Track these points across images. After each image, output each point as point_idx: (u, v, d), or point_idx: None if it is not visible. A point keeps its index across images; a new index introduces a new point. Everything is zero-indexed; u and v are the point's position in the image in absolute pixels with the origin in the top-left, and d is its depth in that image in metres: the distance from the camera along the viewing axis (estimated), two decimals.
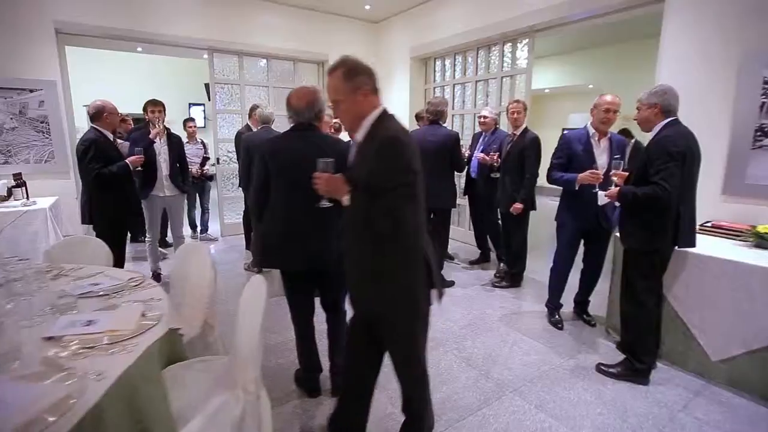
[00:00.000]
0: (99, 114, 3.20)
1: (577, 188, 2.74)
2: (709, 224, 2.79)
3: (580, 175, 2.67)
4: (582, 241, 3.03)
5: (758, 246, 2.46)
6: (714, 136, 2.91)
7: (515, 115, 3.57)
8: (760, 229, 2.46)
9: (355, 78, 1.45)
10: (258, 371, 1.60)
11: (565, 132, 2.90)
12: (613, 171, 2.46)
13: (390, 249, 1.46)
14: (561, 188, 2.93)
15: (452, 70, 5.42)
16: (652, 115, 2.20)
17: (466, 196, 4.47)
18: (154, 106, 3.67)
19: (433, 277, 1.57)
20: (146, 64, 8.86)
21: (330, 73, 1.48)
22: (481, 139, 4.10)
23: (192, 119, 6.42)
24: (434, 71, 5.75)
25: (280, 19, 5.68)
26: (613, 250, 2.91)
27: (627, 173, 2.38)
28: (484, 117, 3.96)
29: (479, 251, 4.59)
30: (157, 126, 3.68)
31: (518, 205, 3.49)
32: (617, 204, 2.43)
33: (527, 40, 4.39)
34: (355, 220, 1.52)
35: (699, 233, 2.74)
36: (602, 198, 2.57)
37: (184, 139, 5.51)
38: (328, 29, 6.03)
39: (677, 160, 2.03)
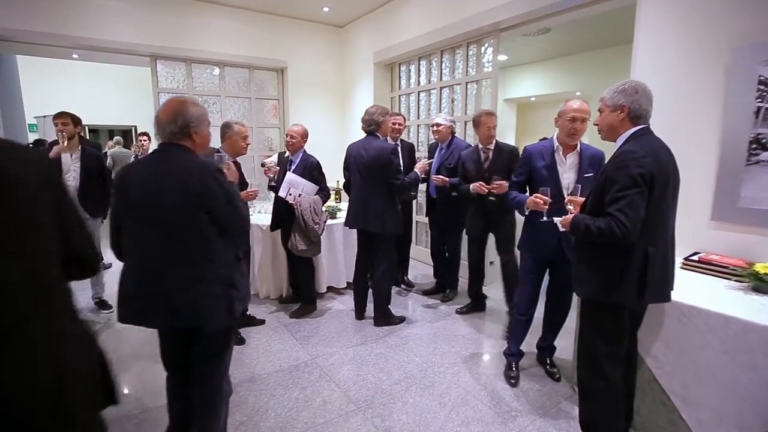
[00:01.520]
0: None
1: (526, 213, 2.30)
2: (695, 258, 2.24)
3: (528, 199, 2.18)
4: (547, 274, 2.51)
5: (756, 290, 1.90)
6: (699, 149, 2.37)
7: (491, 132, 3.06)
8: (759, 268, 1.90)
9: None
10: None
11: (528, 146, 2.41)
12: (568, 197, 1.93)
13: None
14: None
15: (417, 76, 4.93)
16: (617, 121, 1.67)
17: (428, 218, 3.92)
18: (58, 118, 3.20)
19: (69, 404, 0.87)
20: (132, 74, 8.59)
21: None
22: (437, 153, 3.57)
23: (145, 133, 6.04)
24: (399, 78, 5.27)
25: (233, 23, 5.23)
26: None
27: (581, 200, 1.85)
28: (437, 125, 3.44)
29: (435, 280, 4.03)
30: (60, 141, 3.22)
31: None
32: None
33: (492, 40, 3.90)
34: None
35: (684, 269, 2.21)
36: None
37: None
38: (287, 34, 5.58)
39: (640, 186, 1.49)
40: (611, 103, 1.67)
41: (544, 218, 2.09)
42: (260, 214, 4.10)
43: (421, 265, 4.89)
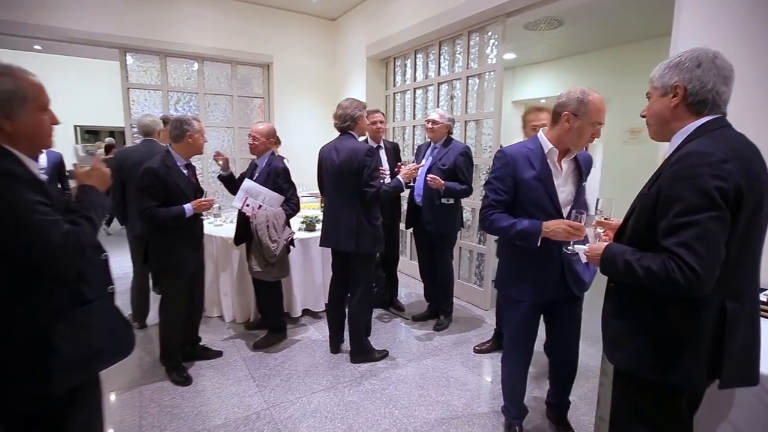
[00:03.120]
0: None
1: (539, 243, 1.62)
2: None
3: (548, 224, 1.55)
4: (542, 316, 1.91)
5: None
6: None
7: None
8: None
9: None
10: None
11: (504, 147, 1.75)
12: (596, 217, 1.37)
13: None
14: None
15: (413, 71, 4.41)
16: (668, 110, 1.10)
17: (411, 229, 3.34)
18: None
19: None
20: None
21: None
22: (428, 151, 3.03)
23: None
24: (394, 74, 4.76)
25: (213, 13, 4.78)
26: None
27: (617, 222, 1.30)
28: (433, 122, 2.90)
29: (428, 304, 3.46)
30: None
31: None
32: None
33: (497, 27, 3.37)
34: None
35: None
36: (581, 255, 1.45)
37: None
38: (274, 26, 5.12)
39: (719, 208, 0.94)
40: (660, 83, 1.11)
41: (570, 248, 1.50)
42: (231, 225, 3.60)
43: (414, 283, 4.34)
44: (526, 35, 5.64)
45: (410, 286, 4.27)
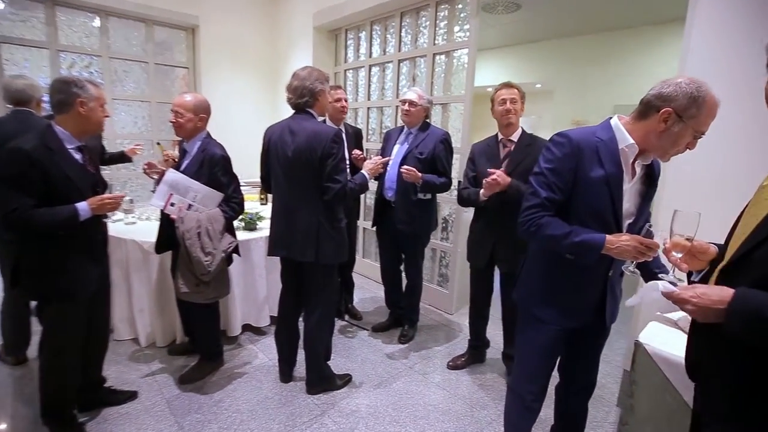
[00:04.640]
0: None
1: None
2: None
3: (614, 239, 1.19)
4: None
5: None
6: None
7: (507, 106, 2.08)
8: None
9: None
10: None
11: (568, 131, 1.29)
12: (673, 237, 1.03)
13: None
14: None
15: (368, 45, 3.90)
16: None
17: (374, 228, 2.90)
18: None
19: None
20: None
21: None
22: (403, 136, 2.58)
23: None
24: (345, 48, 4.21)
25: None
26: (632, 358, 1.52)
27: (704, 246, 0.98)
28: (411, 103, 2.44)
29: (388, 311, 3.08)
30: None
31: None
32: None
33: None
34: None
35: None
36: (650, 292, 1.06)
37: None
38: None
39: None
40: None
41: (632, 268, 1.18)
42: (147, 222, 2.89)
43: (369, 284, 3.92)
44: (481, 17, 5.38)
45: (365, 288, 3.84)
